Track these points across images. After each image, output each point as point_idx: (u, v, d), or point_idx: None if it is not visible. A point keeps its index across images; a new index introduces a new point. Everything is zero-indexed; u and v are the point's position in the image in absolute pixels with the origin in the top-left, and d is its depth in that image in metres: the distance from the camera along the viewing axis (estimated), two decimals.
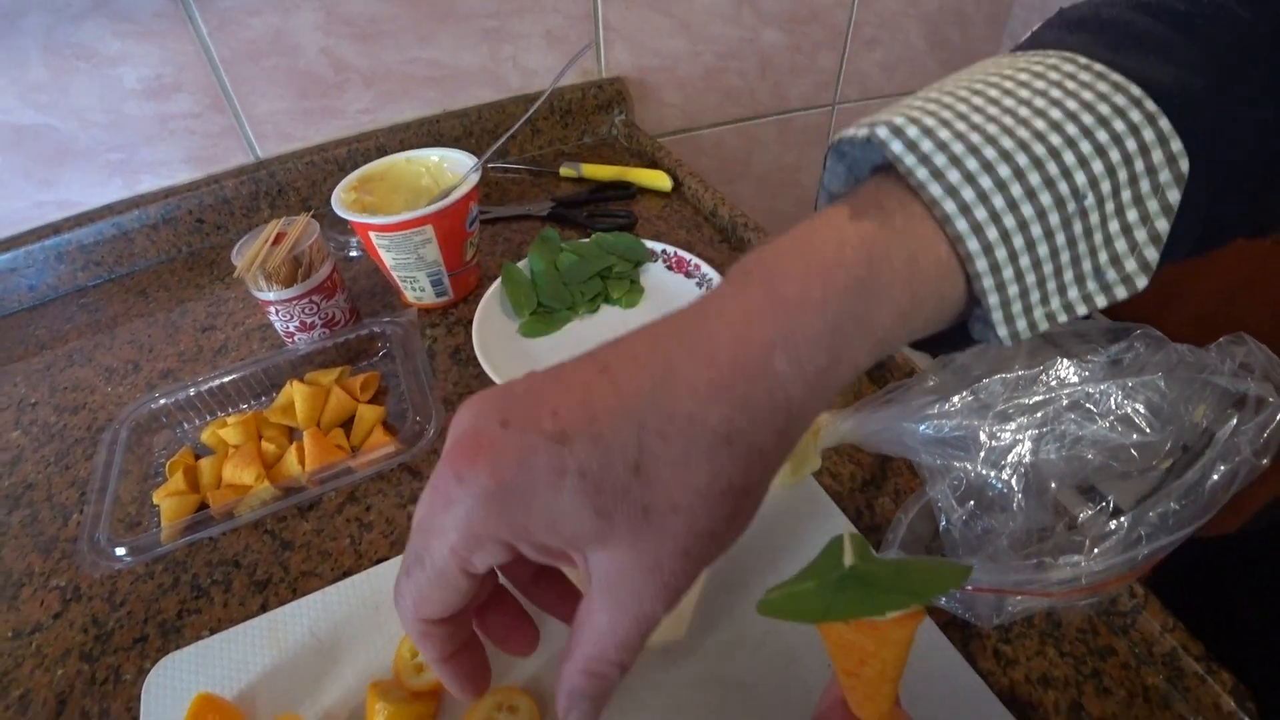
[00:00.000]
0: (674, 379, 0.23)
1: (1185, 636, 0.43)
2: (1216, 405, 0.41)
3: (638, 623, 0.24)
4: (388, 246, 0.62)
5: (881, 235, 0.24)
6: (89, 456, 0.61)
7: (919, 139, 0.24)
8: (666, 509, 0.22)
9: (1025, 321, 0.25)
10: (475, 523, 0.23)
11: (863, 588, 0.19)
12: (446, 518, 0.24)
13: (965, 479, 0.45)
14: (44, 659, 0.47)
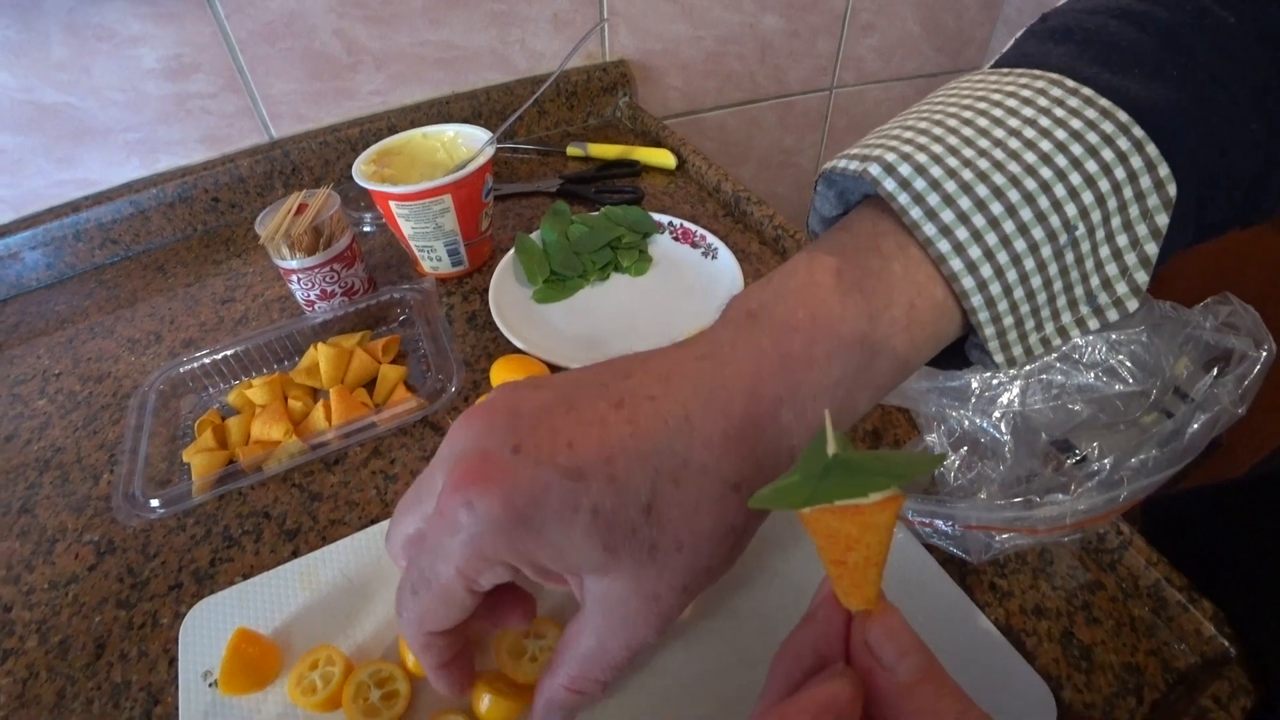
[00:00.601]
0: (690, 428, 0.24)
1: (1168, 570, 0.46)
2: (1198, 359, 0.44)
3: (628, 647, 0.25)
4: (407, 216, 0.65)
5: (882, 285, 0.25)
6: (116, 422, 0.64)
7: (912, 177, 0.25)
8: (672, 547, 0.24)
9: (1021, 348, 0.26)
10: (485, 548, 0.23)
11: (846, 473, 0.20)
12: (454, 542, 0.24)
13: (960, 427, 0.47)
14: (81, 607, 0.50)
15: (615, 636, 0.25)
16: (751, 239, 0.79)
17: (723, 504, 0.24)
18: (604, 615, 0.25)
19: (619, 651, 0.25)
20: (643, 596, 0.24)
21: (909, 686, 0.20)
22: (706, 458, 0.24)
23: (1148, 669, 0.43)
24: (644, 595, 0.24)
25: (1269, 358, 0.40)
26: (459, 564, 0.24)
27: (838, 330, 0.25)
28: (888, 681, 0.20)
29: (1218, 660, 0.43)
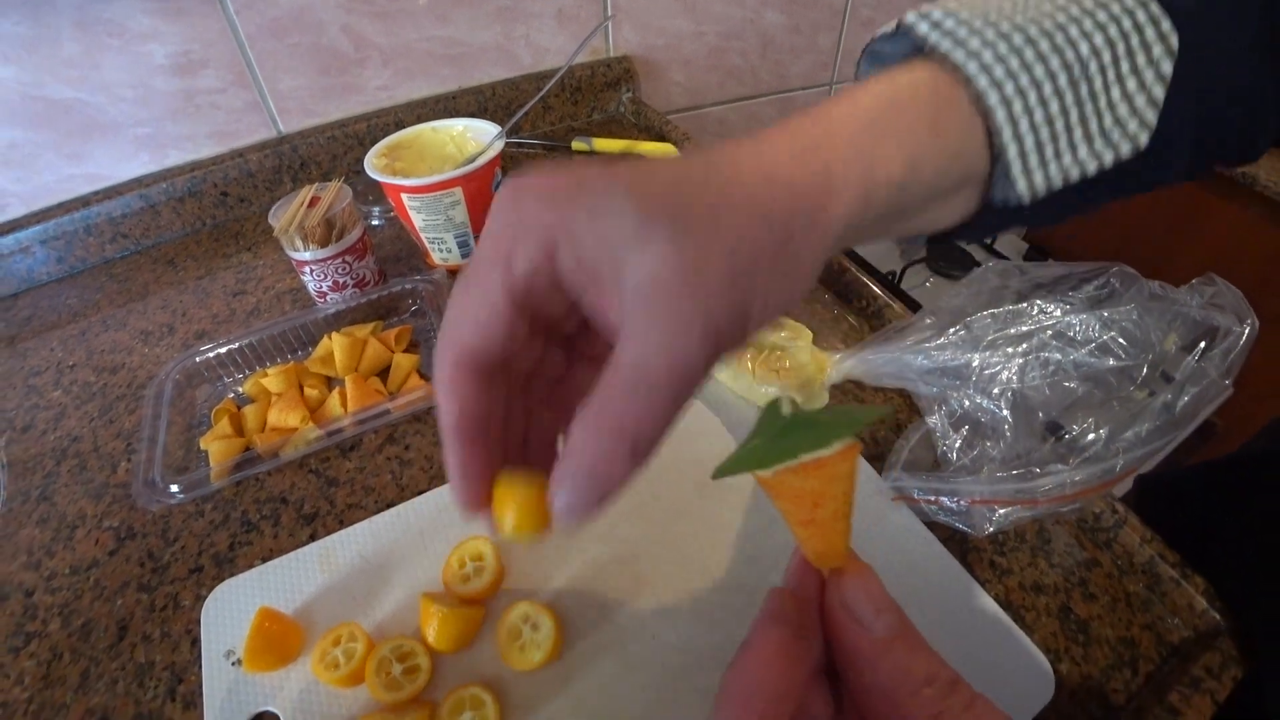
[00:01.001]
0: (727, 159, 0.24)
1: (1162, 547, 0.47)
2: (1186, 335, 0.45)
3: (669, 357, 0.20)
4: (418, 208, 0.66)
5: (910, 84, 0.27)
6: (131, 411, 0.65)
7: (942, 19, 0.28)
8: (711, 208, 0.22)
9: (1041, 175, 0.28)
10: (523, 211, 0.22)
11: (802, 430, 0.21)
12: (495, 221, 0.23)
13: (960, 408, 0.49)
14: (103, 591, 0.51)
15: (651, 341, 0.20)
16: None
17: (756, 200, 0.23)
18: (641, 312, 0.21)
19: (658, 368, 0.20)
20: (686, 270, 0.20)
21: (885, 644, 0.21)
22: (744, 169, 0.23)
23: (1142, 642, 0.45)
24: (688, 268, 0.20)
25: (1252, 332, 0.42)
26: (496, 231, 0.23)
27: (871, 101, 0.26)
28: (863, 639, 0.21)
29: (1209, 633, 0.45)
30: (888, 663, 0.20)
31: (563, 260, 0.22)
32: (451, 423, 0.24)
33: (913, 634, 0.21)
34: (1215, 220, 1.25)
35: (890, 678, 0.20)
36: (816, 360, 0.53)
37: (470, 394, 0.24)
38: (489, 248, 0.23)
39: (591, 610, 0.44)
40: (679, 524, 0.49)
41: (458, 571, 0.45)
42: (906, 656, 0.20)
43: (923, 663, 0.20)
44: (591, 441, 0.21)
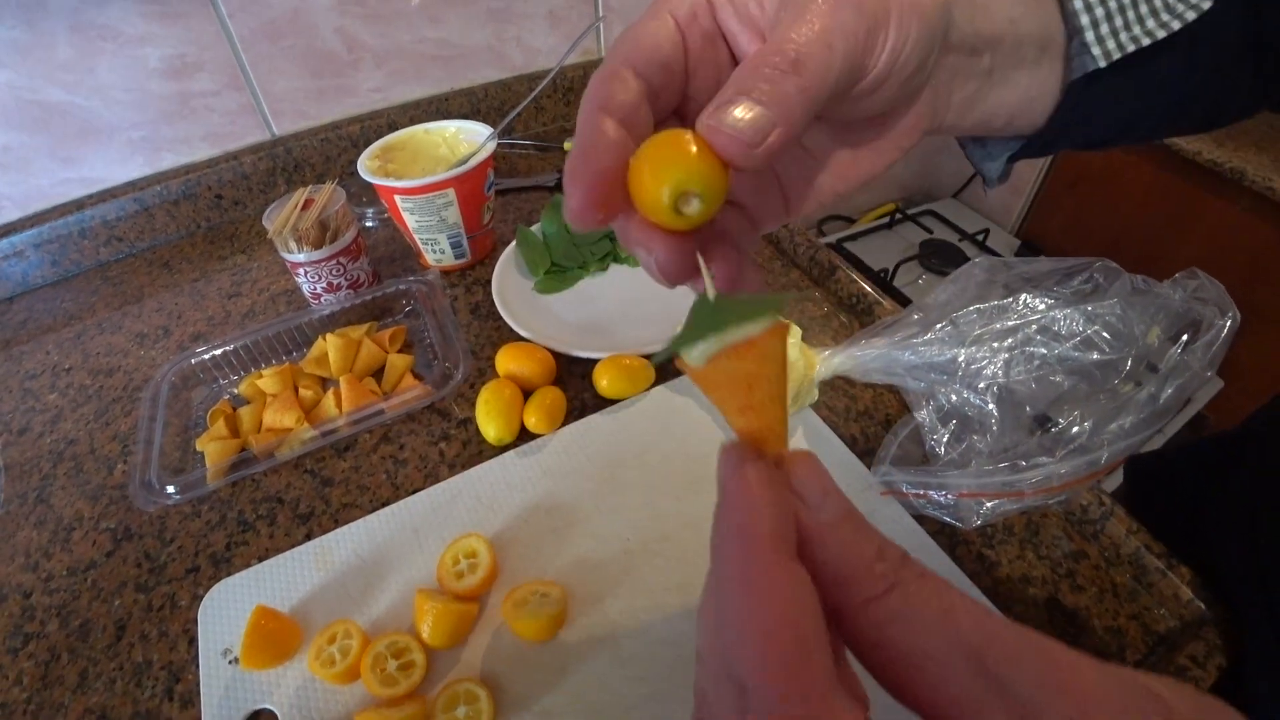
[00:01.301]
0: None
1: (1148, 538, 0.48)
2: (1169, 328, 0.46)
3: (818, 39, 0.22)
4: (412, 209, 0.66)
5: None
6: (127, 414, 0.65)
7: None
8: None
9: (1114, 42, 0.29)
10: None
11: (730, 311, 0.21)
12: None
13: (948, 403, 0.49)
14: (101, 591, 0.51)
15: (800, 26, 0.22)
16: None
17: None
18: (791, 10, 0.22)
19: (808, 44, 0.22)
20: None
21: (832, 525, 0.20)
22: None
23: (1129, 632, 0.46)
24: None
25: (1233, 325, 0.42)
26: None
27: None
28: (811, 522, 0.20)
29: (1195, 623, 0.45)
30: (836, 541, 0.20)
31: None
32: (601, 100, 0.23)
33: (859, 517, 0.21)
34: (1205, 216, 1.25)
35: (841, 556, 0.20)
36: (806, 357, 0.54)
37: (632, 85, 0.23)
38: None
39: (585, 604, 0.45)
40: (670, 519, 0.49)
41: (451, 568, 0.45)
42: (855, 535, 0.20)
43: (872, 541, 0.20)
44: (749, 73, 0.21)
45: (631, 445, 0.54)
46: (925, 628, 0.18)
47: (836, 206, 1.69)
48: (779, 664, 0.17)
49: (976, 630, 0.17)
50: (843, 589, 0.19)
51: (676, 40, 0.24)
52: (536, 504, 0.51)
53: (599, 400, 0.59)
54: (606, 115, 0.23)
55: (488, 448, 0.56)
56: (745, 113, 0.21)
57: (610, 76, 0.23)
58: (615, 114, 0.23)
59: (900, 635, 0.18)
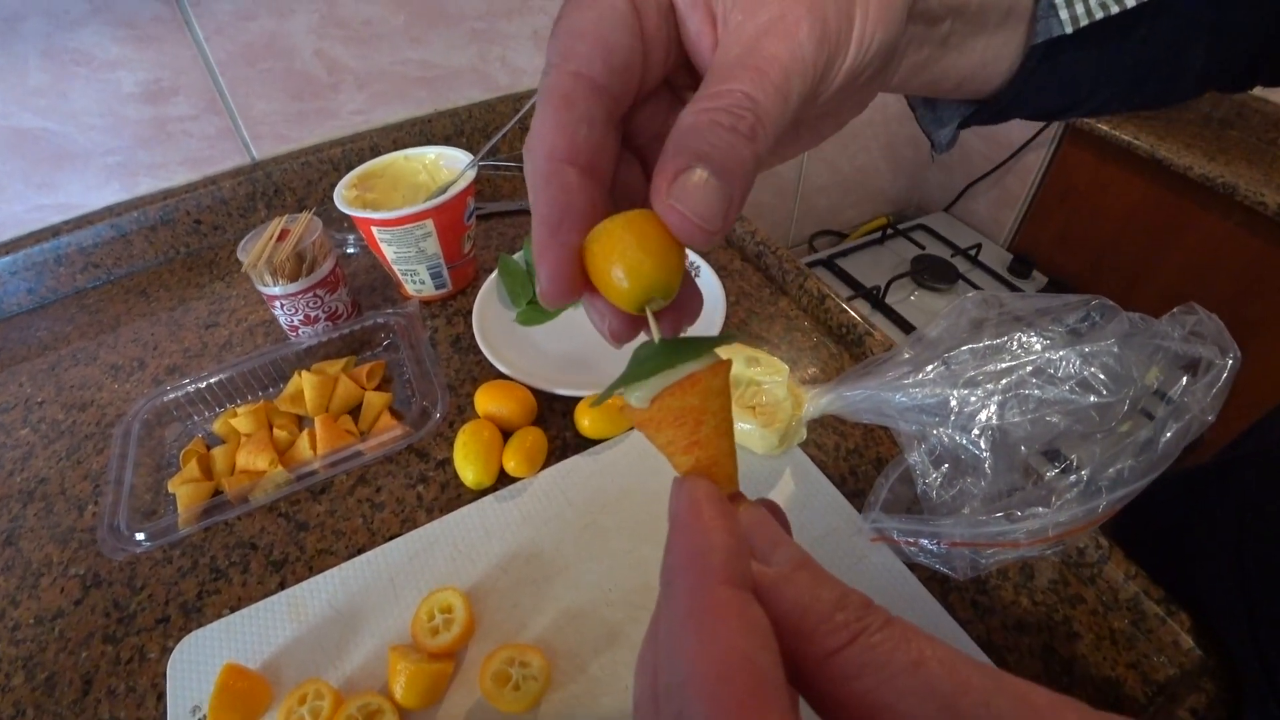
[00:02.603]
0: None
1: (1147, 583, 0.47)
2: (1168, 368, 0.45)
3: (776, 29, 0.19)
4: (389, 240, 0.65)
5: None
6: (100, 451, 0.63)
7: None
8: None
9: (1083, 6, 0.28)
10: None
11: (674, 351, 0.20)
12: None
13: (940, 444, 0.48)
14: (68, 643, 0.49)
15: (759, 24, 0.20)
16: (734, 256, 0.80)
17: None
18: (746, 5, 0.20)
19: (770, 53, 0.19)
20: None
21: (786, 574, 0.19)
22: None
23: (1128, 681, 0.44)
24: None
25: (1234, 365, 0.41)
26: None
27: None
28: (763, 574, 0.19)
29: (1196, 672, 0.44)
30: (792, 591, 0.18)
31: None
32: (551, 125, 0.20)
33: (815, 565, 0.19)
34: (1195, 229, 1.25)
35: (797, 606, 0.18)
36: (794, 395, 0.52)
37: (586, 103, 0.20)
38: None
39: (565, 662, 0.43)
40: (652, 567, 0.47)
41: (426, 624, 0.44)
42: (812, 583, 0.18)
43: (831, 588, 0.18)
44: (704, 129, 0.19)
45: (613, 488, 0.53)
46: (892, 680, 0.16)
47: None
48: (734, 707, 0.15)
49: (948, 679, 0.16)
50: (800, 641, 0.17)
51: (633, 25, 0.21)
52: (515, 552, 0.49)
53: (581, 440, 0.58)
54: (570, 167, 0.20)
55: (466, 491, 0.55)
56: (704, 191, 0.19)
57: (563, 102, 0.20)
58: (580, 160, 0.20)
59: (866, 690, 0.16)
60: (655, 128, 0.25)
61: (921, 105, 0.36)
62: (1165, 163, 1.21)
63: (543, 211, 0.20)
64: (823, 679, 0.17)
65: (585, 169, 0.20)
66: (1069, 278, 1.47)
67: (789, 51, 0.19)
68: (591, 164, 0.20)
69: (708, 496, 0.19)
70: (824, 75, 0.21)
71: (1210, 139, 1.24)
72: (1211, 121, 1.28)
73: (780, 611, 0.18)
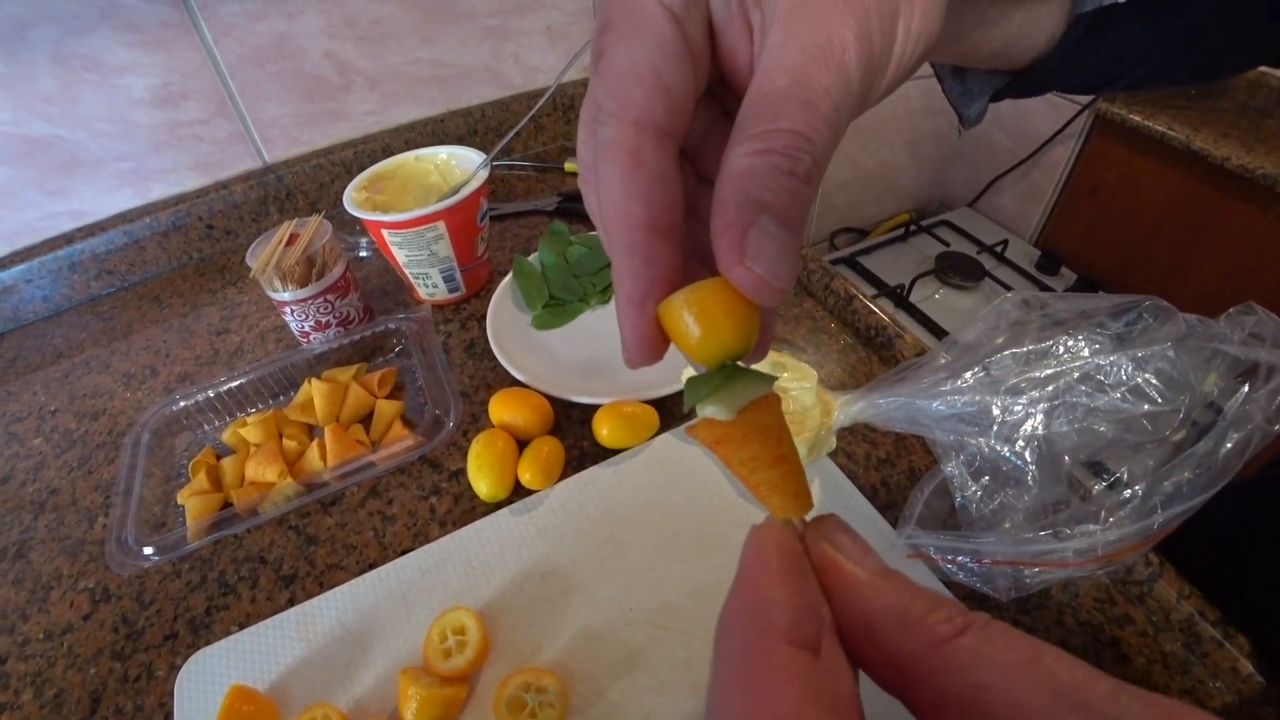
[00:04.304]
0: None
1: (1201, 603, 0.44)
2: (1227, 374, 0.42)
3: (824, 56, 0.18)
4: (400, 244, 0.63)
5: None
6: (111, 461, 0.62)
7: None
8: None
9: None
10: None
11: (741, 376, 0.20)
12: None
13: (979, 454, 0.45)
14: (76, 658, 0.48)
15: (804, 42, 0.18)
16: None
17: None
18: (789, 16, 0.18)
19: (817, 69, 0.18)
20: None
21: (880, 575, 0.18)
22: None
23: None
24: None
25: None
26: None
27: None
28: (857, 578, 0.18)
29: (1257, 699, 0.41)
30: (893, 584, 0.18)
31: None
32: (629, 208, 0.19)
33: (905, 577, 0.19)
34: (1233, 223, 1.20)
35: (900, 599, 0.17)
36: (823, 403, 0.50)
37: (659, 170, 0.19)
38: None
39: (582, 686, 0.41)
40: (675, 585, 0.46)
41: (438, 646, 0.42)
42: (908, 583, 0.18)
43: (927, 590, 0.18)
44: (762, 175, 0.17)
45: (633, 501, 0.51)
46: (1011, 673, 0.15)
47: None
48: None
49: (1069, 674, 0.15)
50: (906, 633, 0.17)
51: (684, 52, 0.19)
52: (531, 569, 0.47)
53: (599, 450, 0.56)
54: (652, 234, 0.19)
55: (480, 504, 0.53)
56: (776, 248, 0.17)
57: (633, 162, 0.18)
58: (659, 225, 0.19)
59: (983, 682, 0.15)
60: (694, 129, 0.23)
61: (950, 77, 0.34)
62: (1201, 154, 1.16)
63: (628, 287, 0.19)
64: (934, 670, 0.16)
65: (664, 232, 0.19)
66: (1099, 275, 1.43)
67: (840, 84, 0.18)
68: (670, 225, 0.19)
69: (780, 548, 0.18)
70: (866, 99, 0.20)
71: (1248, 128, 1.19)
72: (1249, 110, 1.24)
73: (882, 605, 0.17)
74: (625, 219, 0.19)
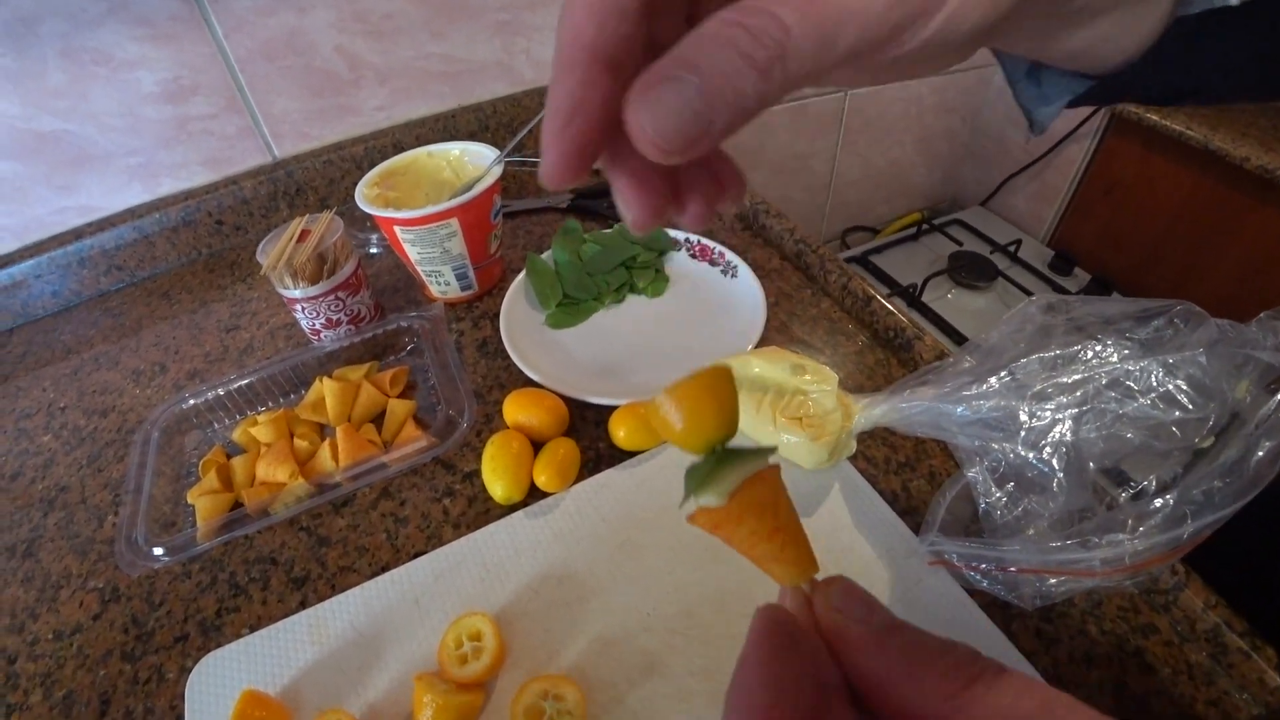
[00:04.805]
0: None
1: (1228, 613, 0.43)
2: (1260, 381, 0.41)
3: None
4: (413, 240, 0.62)
5: None
6: (120, 458, 0.62)
7: None
8: None
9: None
10: None
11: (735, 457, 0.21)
12: None
13: (1004, 460, 0.44)
14: (86, 659, 0.48)
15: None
16: (772, 254, 0.76)
17: None
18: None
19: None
20: None
21: (886, 630, 0.18)
22: None
23: None
24: None
25: None
26: None
27: None
28: (863, 634, 0.19)
29: None
30: (897, 642, 0.18)
31: None
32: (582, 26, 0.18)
33: (914, 626, 0.19)
34: (1251, 224, 1.18)
35: (904, 654, 0.18)
36: (843, 406, 0.49)
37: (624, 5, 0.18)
38: None
39: (599, 693, 0.41)
40: (693, 591, 0.45)
41: (454, 651, 0.41)
42: (916, 633, 0.18)
43: (935, 639, 0.18)
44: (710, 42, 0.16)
45: (651, 505, 0.50)
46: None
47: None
48: None
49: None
50: (918, 686, 0.17)
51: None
52: (547, 573, 0.47)
53: (615, 452, 0.55)
54: (595, 60, 0.18)
55: (495, 506, 0.52)
56: (674, 106, 0.16)
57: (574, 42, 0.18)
58: (605, 53, 0.18)
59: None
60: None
61: (1024, 79, 0.31)
62: (1220, 153, 1.14)
63: (557, 102, 0.19)
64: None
65: (609, 63, 0.18)
66: (1114, 276, 1.41)
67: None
68: (616, 58, 0.18)
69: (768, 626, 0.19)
70: (892, 37, 0.17)
71: (1267, 128, 1.17)
72: (1268, 109, 1.22)
73: (890, 662, 0.18)
74: (575, 35, 0.18)
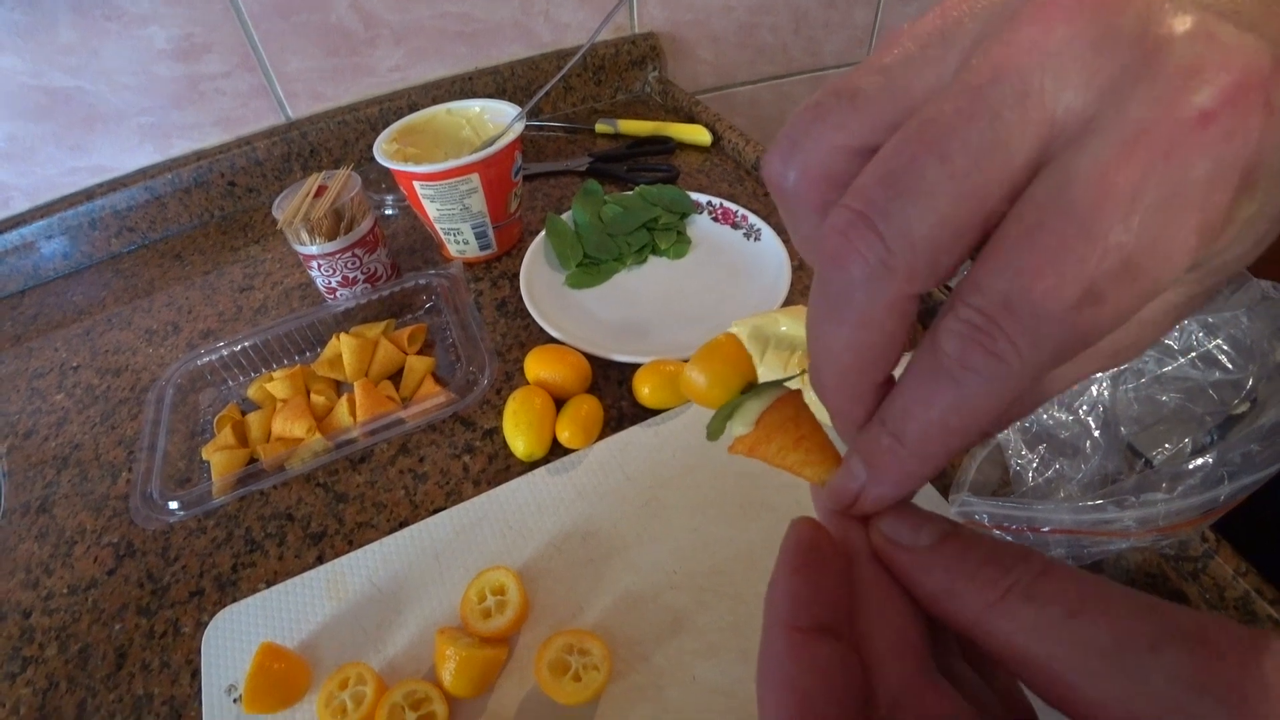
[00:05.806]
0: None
1: (1259, 581, 0.42)
2: None
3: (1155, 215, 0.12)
4: (432, 197, 0.61)
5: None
6: (134, 416, 0.61)
7: None
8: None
9: None
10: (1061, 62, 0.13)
11: (759, 388, 0.23)
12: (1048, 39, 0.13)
13: (1035, 421, 0.44)
14: (101, 614, 0.48)
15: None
16: None
17: None
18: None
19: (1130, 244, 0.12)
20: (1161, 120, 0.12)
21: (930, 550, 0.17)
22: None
23: None
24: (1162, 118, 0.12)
25: None
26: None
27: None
28: (909, 560, 0.18)
29: None
30: (940, 560, 0.17)
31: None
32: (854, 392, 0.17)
33: (967, 533, 0.18)
34: None
35: (946, 574, 0.17)
36: None
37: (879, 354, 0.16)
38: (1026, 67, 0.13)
39: (625, 650, 0.40)
40: (720, 548, 0.44)
41: (477, 606, 0.41)
42: (960, 548, 0.17)
43: (979, 547, 0.17)
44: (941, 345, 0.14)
45: (676, 462, 0.49)
46: (1050, 634, 0.15)
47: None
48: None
49: (1109, 629, 0.14)
50: (959, 601, 0.16)
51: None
52: (571, 530, 0.46)
53: (639, 410, 0.54)
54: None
55: (516, 463, 0.51)
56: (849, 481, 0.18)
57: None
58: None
59: (1027, 644, 0.15)
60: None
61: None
62: None
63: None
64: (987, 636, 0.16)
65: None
66: None
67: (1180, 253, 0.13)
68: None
69: (795, 542, 0.19)
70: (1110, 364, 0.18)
71: None
72: None
73: (934, 579, 0.17)
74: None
